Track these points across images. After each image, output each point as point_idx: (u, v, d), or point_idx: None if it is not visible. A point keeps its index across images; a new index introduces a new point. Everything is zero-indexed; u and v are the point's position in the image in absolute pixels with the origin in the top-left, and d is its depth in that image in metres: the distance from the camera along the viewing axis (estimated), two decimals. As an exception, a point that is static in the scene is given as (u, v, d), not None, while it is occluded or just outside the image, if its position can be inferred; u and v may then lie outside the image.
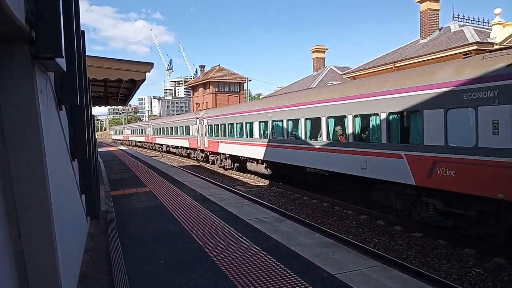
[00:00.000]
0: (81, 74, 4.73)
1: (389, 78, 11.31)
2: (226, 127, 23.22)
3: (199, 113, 29.74)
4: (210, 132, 26.07)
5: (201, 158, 29.49)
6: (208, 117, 26.86)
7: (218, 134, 24.35)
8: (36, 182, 2.90)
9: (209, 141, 26.23)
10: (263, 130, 18.46)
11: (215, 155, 25.87)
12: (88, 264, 5.69)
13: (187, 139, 31.87)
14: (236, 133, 21.68)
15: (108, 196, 11.46)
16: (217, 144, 24.58)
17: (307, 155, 14.52)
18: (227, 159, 23.68)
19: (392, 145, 10.20)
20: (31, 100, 2.82)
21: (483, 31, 20.67)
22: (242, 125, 20.79)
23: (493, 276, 7.34)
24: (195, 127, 29.63)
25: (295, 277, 4.96)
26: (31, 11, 2.48)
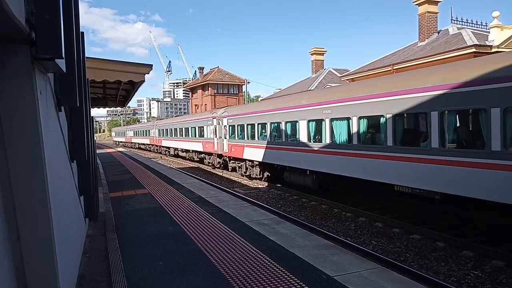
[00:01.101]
0: (80, 76, 4.72)
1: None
2: (255, 128, 19.03)
3: (216, 112, 25.69)
4: (232, 134, 22.00)
5: (218, 164, 25.44)
6: (229, 116, 22.59)
7: (244, 136, 20.24)
8: (35, 183, 2.90)
9: (231, 144, 22.09)
10: (313, 132, 14.31)
11: (238, 161, 21.61)
12: (87, 266, 5.67)
13: (201, 142, 27.76)
14: (270, 135, 17.55)
15: (107, 198, 11.43)
16: (241, 149, 20.46)
17: (392, 166, 10.42)
18: (254, 167, 19.69)
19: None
20: (30, 101, 2.82)
21: (481, 34, 20.74)
22: (280, 126, 16.58)
23: (491, 278, 7.34)
24: (211, 128, 25.57)
25: (294, 279, 4.95)
26: (31, 12, 2.48)
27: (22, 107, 2.79)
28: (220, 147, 24.01)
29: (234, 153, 21.63)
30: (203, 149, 27.55)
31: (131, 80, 10.32)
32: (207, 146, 26.67)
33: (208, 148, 26.37)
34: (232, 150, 21.90)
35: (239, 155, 20.82)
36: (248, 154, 19.84)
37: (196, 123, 29.37)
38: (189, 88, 64.94)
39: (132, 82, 11.06)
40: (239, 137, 21.00)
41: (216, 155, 25.42)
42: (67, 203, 4.48)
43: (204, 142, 27.32)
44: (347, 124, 12.21)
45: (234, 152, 21.69)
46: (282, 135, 16.39)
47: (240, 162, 21.41)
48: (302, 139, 14.78)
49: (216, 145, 24.61)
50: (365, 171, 11.39)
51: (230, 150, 22.14)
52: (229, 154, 22.49)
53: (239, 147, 20.77)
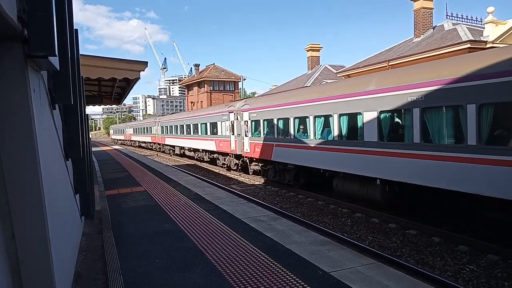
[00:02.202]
0: (74, 73, 4.69)
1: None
2: (290, 123, 15.25)
3: (233, 105, 22.19)
4: (255, 130, 18.60)
5: (235, 166, 22.13)
6: (251, 109, 19.05)
7: (273, 133, 16.70)
8: (29, 181, 2.88)
9: (254, 143, 18.61)
10: (391, 127, 10.66)
11: (264, 164, 18.28)
12: (83, 264, 5.66)
13: (214, 140, 24.43)
14: (314, 132, 13.73)
15: (103, 196, 11.41)
16: (269, 149, 16.97)
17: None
18: (288, 172, 16.20)
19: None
20: (24, 99, 2.79)
21: (476, 30, 20.82)
22: (331, 120, 12.69)
23: (486, 272, 7.41)
24: (226, 124, 22.22)
25: (290, 275, 4.97)
26: (23, 9, 2.46)
27: (15, 105, 2.77)
28: (239, 146, 20.59)
29: (259, 154, 18.05)
30: (217, 148, 24.23)
31: (126, 78, 10.27)
32: (221, 145, 23.35)
33: (223, 147, 23.02)
34: (255, 150, 18.39)
35: (266, 156, 17.30)
36: (279, 156, 16.25)
37: (208, 119, 25.94)
38: (185, 85, 64.74)
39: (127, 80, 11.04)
40: (266, 134, 17.41)
41: (233, 155, 22.10)
42: (62, 201, 4.46)
43: (217, 141, 23.98)
44: (458, 114, 8.69)
45: (258, 153, 18.12)
46: (335, 132, 12.52)
47: (267, 165, 17.98)
48: (369, 137, 10.97)
49: (234, 144, 21.31)
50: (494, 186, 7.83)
51: (253, 150, 18.65)
52: (251, 154, 19.01)
53: (267, 147, 17.20)
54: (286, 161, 15.79)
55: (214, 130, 24.70)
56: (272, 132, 16.81)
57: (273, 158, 16.68)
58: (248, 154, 19.55)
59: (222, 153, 24.03)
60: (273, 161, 17.00)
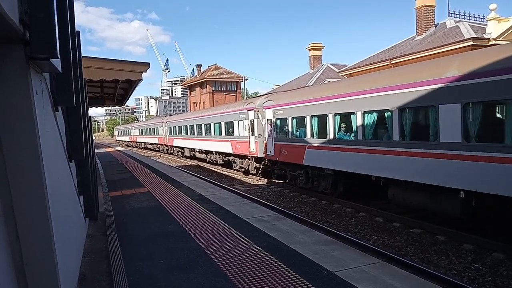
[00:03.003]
0: (77, 75, 4.70)
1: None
2: (329, 121, 12.92)
3: (253, 101, 20.21)
4: (281, 130, 16.46)
5: (255, 170, 20.12)
6: (276, 106, 16.80)
7: (305, 133, 14.50)
8: (33, 183, 2.89)
9: (279, 145, 16.41)
10: (480, 124, 8.29)
11: (292, 168, 15.96)
12: (88, 266, 5.66)
13: (230, 141, 22.37)
14: (364, 131, 11.35)
15: (106, 197, 11.43)
16: (300, 151, 14.66)
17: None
18: (325, 178, 13.89)
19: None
20: (26, 101, 2.80)
21: (478, 27, 20.72)
22: (390, 116, 10.35)
23: (492, 271, 7.37)
24: (244, 123, 20.28)
25: (295, 275, 4.95)
26: (25, 11, 2.46)
27: (18, 107, 2.77)
28: (260, 148, 18.64)
29: (286, 157, 15.91)
30: (233, 150, 22.08)
31: (128, 79, 10.29)
32: (238, 146, 21.25)
33: (241, 149, 20.93)
34: (281, 153, 16.19)
35: (296, 159, 15.09)
36: (313, 159, 13.98)
37: (222, 118, 23.92)
38: (187, 86, 64.82)
39: (130, 81, 11.04)
40: (296, 134, 15.25)
41: (252, 158, 20.03)
42: (66, 203, 4.46)
43: (234, 142, 21.86)
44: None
45: (286, 156, 15.93)
46: (395, 131, 10.11)
47: (296, 170, 15.66)
48: (448, 137, 8.71)
49: (254, 145, 19.31)
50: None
51: (278, 152, 16.46)
52: (275, 157, 16.79)
53: (297, 149, 14.90)
54: (323, 165, 13.40)
55: (229, 130, 22.78)
56: (304, 131, 14.56)
57: (305, 161, 14.33)
58: (272, 157, 17.32)
59: (239, 156, 21.94)
60: (304, 166, 14.66)
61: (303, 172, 15.13)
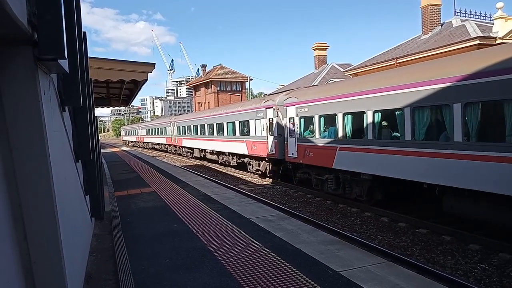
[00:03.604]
0: (83, 76, 4.74)
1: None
2: (367, 119, 11.29)
3: (273, 99, 18.42)
4: (306, 129, 14.96)
5: (270, 172, 18.82)
6: (299, 103, 15.19)
7: (335, 132, 12.90)
8: (40, 183, 2.92)
9: (303, 146, 14.87)
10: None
11: (319, 172, 14.31)
12: (94, 265, 5.70)
13: (245, 141, 20.96)
14: (415, 130, 9.70)
15: (112, 197, 11.49)
16: (329, 153, 13.04)
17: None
18: (361, 183, 12.18)
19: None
20: (34, 101, 2.83)
21: (485, 26, 20.55)
22: (451, 112, 8.71)
23: (498, 271, 7.31)
24: (262, 122, 18.88)
25: (300, 275, 4.96)
26: (33, 13, 2.48)
27: (26, 107, 2.80)
28: (279, 149, 17.20)
29: (312, 159, 14.41)
30: (248, 152, 20.53)
31: (134, 79, 10.36)
32: (254, 147, 19.68)
33: (257, 150, 19.38)
34: (306, 155, 14.68)
35: (324, 162, 13.50)
36: (345, 162, 12.42)
37: (236, 117, 22.37)
38: (192, 86, 64.96)
39: (135, 81, 11.11)
40: (325, 134, 13.69)
41: (270, 160, 18.52)
42: (73, 202, 4.50)
43: (249, 142, 20.33)
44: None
45: (311, 158, 14.44)
46: (457, 131, 8.55)
47: (324, 174, 14.03)
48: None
49: (273, 146, 17.82)
50: None
51: (302, 154, 14.97)
52: (299, 159, 15.33)
53: (325, 151, 13.38)
54: (358, 169, 11.78)
55: (245, 130, 21.27)
56: (334, 131, 13.00)
57: (336, 165, 12.76)
58: (294, 159, 15.74)
59: (255, 157, 20.28)
60: (334, 169, 13.11)
61: (333, 176, 13.47)
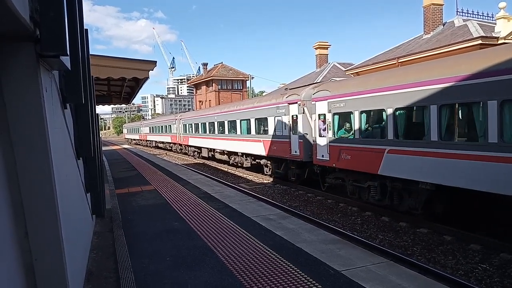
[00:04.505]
0: (85, 73, 4.73)
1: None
2: (431, 115, 9.23)
3: (297, 93, 16.08)
4: (340, 128, 13.02)
5: (294, 176, 16.61)
6: (333, 97, 13.13)
7: (383, 131, 10.95)
8: (42, 180, 2.91)
9: (337, 147, 12.88)
10: None
11: (359, 177, 12.23)
12: (95, 262, 5.71)
13: (262, 141, 19.05)
14: (499, 130, 7.76)
15: (113, 195, 11.49)
16: (375, 156, 11.06)
17: None
18: (417, 194, 10.08)
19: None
20: (36, 98, 2.82)
21: (487, 26, 20.49)
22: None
23: (499, 271, 7.30)
24: (284, 119, 16.74)
25: (301, 274, 4.95)
26: (35, 10, 2.48)
27: (28, 104, 2.80)
28: (305, 150, 15.15)
29: (349, 163, 12.34)
30: (266, 152, 18.60)
31: (135, 77, 10.34)
32: (274, 147, 17.74)
33: (277, 150, 17.41)
34: (342, 157, 12.65)
35: (366, 167, 11.50)
36: (397, 168, 10.31)
37: (252, 113, 20.29)
38: (193, 84, 64.94)
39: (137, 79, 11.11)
40: (367, 134, 11.82)
41: (294, 162, 16.36)
42: (74, 200, 4.50)
43: (268, 142, 18.38)
44: None
45: (348, 161, 12.36)
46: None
47: (365, 180, 12.01)
48: None
49: (297, 147, 15.71)
50: None
51: (336, 156, 12.95)
52: (331, 163, 13.25)
53: (369, 153, 11.38)
54: (415, 176, 9.74)
55: (262, 128, 19.30)
56: (382, 130, 11.04)
57: (383, 170, 10.76)
58: (325, 163, 13.66)
59: (273, 159, 18.37)
60: (380, 176, 11.06)
61: (377, 184, 11.40)
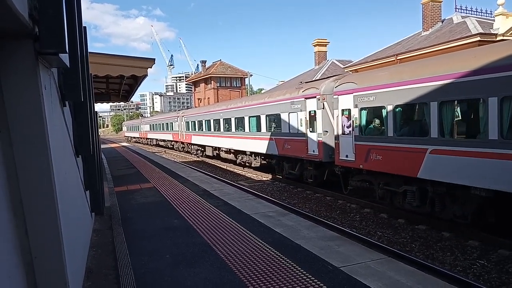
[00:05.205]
0: (84, 70, 4.72)
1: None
2: (494, 110, 7.78)
3: (315, 86, 14.65)
4: (369, 124, 11.67)
5: (310, 178, 15.18)
6: (359, 90, 11.72)
7: (423, 128, 9.74)
8: (41, 178, 2.91)
9: (364, 146, 11.51)
10: None
11: (392, 181, 10.87)
12: (94, 260, 5.71)
13: (273, 139, 17.72)
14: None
15: (112, 192, 11.50)
16: (413, 157, 9.72)
17: None
18: (466, 200, 8.90)
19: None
20: (35, 96, 2.81)
21: (486, 22, 20.50)
22: None
23: (497, 267, 7.34)
24: (299, 115, 15.41)
25: (300, 270, 4.97)
26: (34, 7, 2.47)
27: (27, 102, 2.79)
28: (325, 149, 13.84)
29: (381, 164, 10.84)
30: (279, 151, 17.18)
31: (133, 75, 10.32)
32: (288, 146, 16.46)
33: (292, 150, 16.13)
34: (371, 158, 11.20)
35: (403, 169, 10.06)
36: (442, 171, 8.96)
37: (262, 109, 18.97)
38: (192, 82, 64.85)
39: (135, 77, 11.08)
40: (404, 132, 10.28)
41: (311, 162, 14.94)
42: (73, 197, 4.50)
43: (281, 140, 16.96)
44: None
45: (379, 162, 10.89)
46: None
47: (399, 184, 10.60)
48: None
49: (315, 146, 14.40)
50: None
51: (364, 156, 11.50)
52: (359, 164, 11.76)
53: (406, 153, 9.93)
54: (466, 181, 8.46)
55: (274, 125, 18.04)
56: (423, 127, 9.70)
57: (424, 173, 9.42)
58: (350, 164, 12.24)
59: (287, 159, 17.08)
60: (419, 179, 9.66)
61: (416, 189, 10.04)
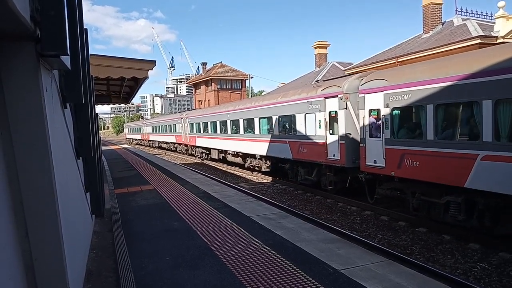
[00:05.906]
0: (85, 72, 4.73)
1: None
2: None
3: (337, 84, 13.22)
4: (401, 127, 10.47)
5: (330, 185, 13.77)
6: (390, 87, 10.44)
7: (474, 132, 8.31)
8: (42, 180, 2.91)
9: (396, 151, 10.26)
10: None
11: (431, 190, 9.54)
12: (94, 262, 5.71)
13: (287, 141, 16.51)
14: None
15: (112, 194, 11.49)
16: (461, 164, 8.40)
17: None
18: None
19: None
20: (36, 98, 2.82)
21: (486, 25, 20.51)
22: None
23: (498, 270, 7.32)
24: (317, 116, 14.19)
25: (301, 273, 4.96)
26: (36, 9, 2.48)
27: (28, 104, 2.80)
28: (346, 153, 12.64)
29: (418, 172, 9.55)
30: (293, 155, 15.88)
31: (134, 77, 10.34)
32: (304, 150, 15.04)
33: (308, 154, 14.74)
34: (406, 164, 9.93)
35: (447, 178, 8.84)
36: (498, 180, 7.66)
37: (274, 110, 17.61)
38: (192, 84, 64.88)
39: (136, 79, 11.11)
40: (447, 134, 9.06)
41: (330, 168, 13.64)
42: (74, 199, 4.50)
43: (296, 143, 15.65)
44: None
45: (416, 170, 9.62)
46: None
47: (440, 195, 9.32)
48: None
49: (336, 150, 13.11)
50: None
51: (397, 163, 10.21)
52: (390, 170, 10.48)
53: (450, 161, 8.70)
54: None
55: (287, 127, 16.85)
56: (472, 129, 8.42)
57: (473, 183, 8.16)
58: (379, 170, 10.92)
59: (302, 163, 15.69)
60: (466, 190, 8.44)
61: (462, 200, 8.77)
